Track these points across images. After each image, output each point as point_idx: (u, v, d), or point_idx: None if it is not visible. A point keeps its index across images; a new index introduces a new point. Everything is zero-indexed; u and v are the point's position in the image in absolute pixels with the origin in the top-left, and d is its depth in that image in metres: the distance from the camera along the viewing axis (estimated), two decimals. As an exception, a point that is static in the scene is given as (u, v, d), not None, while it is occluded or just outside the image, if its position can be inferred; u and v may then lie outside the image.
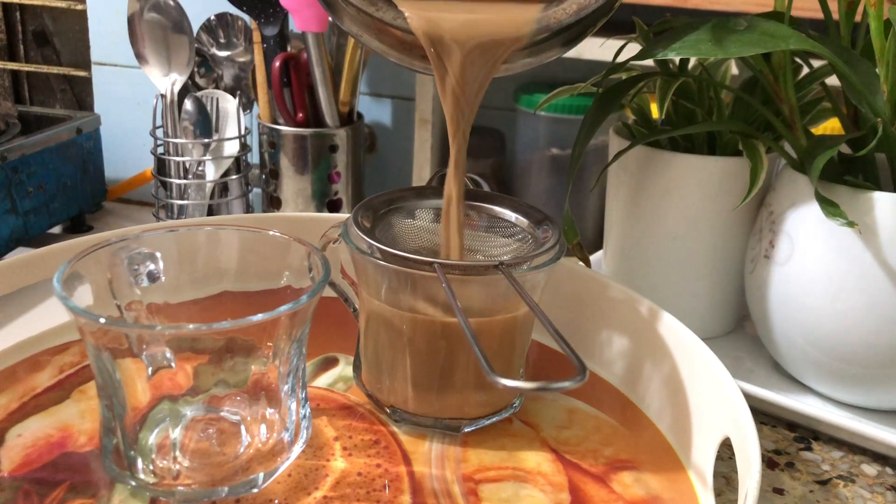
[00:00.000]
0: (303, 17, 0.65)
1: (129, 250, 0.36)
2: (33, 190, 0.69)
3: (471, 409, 0.38)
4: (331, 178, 0.71)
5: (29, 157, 0.69)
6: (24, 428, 0.37)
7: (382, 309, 0.37)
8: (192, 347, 0.33)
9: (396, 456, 0.37)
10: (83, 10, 0.86)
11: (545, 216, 0.40)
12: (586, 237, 0.71)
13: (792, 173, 0.45)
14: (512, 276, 0.34)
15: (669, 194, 0.49)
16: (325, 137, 0.69)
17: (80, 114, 0.79)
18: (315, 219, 0.50)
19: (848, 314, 0.41)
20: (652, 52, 0.40)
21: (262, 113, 0.71)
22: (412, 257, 0.35)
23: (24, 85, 0.92)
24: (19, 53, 0.90)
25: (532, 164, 0.76)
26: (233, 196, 0.71)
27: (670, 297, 0.50)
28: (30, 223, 0.69)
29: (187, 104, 0.67)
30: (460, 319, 0.32)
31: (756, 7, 0.59)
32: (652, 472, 0.37)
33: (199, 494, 0.32)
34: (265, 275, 0.38)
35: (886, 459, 0.43)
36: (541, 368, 0.46)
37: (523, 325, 0.39)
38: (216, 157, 0.69)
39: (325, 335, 0.45)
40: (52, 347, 0.44)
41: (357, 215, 0.38)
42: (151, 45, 0.67)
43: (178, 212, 0.69)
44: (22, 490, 0.33)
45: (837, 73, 0.42)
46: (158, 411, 0.34)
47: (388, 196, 0.41)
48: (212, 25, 0.73)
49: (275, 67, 0.68)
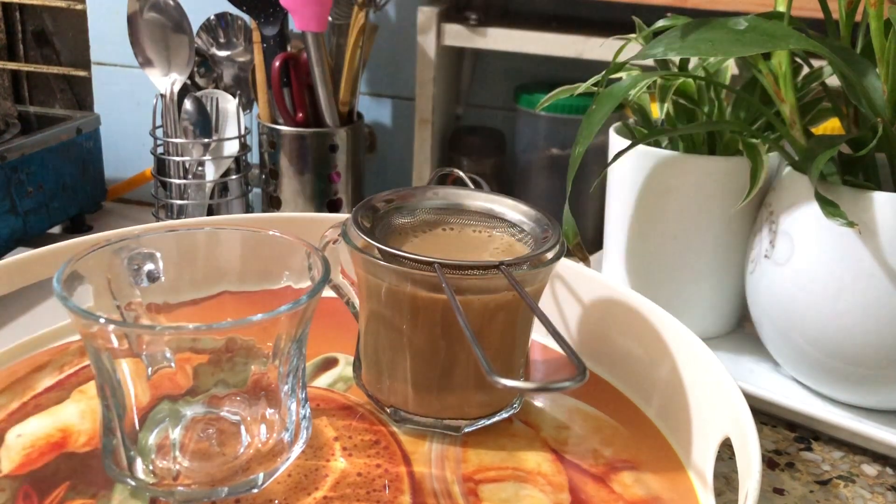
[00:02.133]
0: (303, 16, 0.65)
1: (129, 250, 0.36)
2: (33, 190, 0.69)
3: (471, 410, 0.38)
4: (331, 178, 0.71)
5: (29, 157, 0.69)
6: (24, 428, 0.37)
7: (382, 309, 0.37)
8: (192, 347, 0.33)
9: (396, 456, 0.37)
10: (83, 10, 0.86)
11: (545, 216, 0.40)
12: (586, 237, 0.71)
13: (792, 173, 0.45)
14: (512, 276, 0.34)
15: (669, 194, 0.49)
16: (325, 137, 0.69)
17: (79, 114, 0.79)
18: (315, 219, 0.50)
19: (848, 314, 0.41)
20: (652, 52, 0.40)
21: (261, 113, 0.71)
22: (412, 257, 0.35)
23: (24, 85, 0.92)
24: (19, 53, 0.90)
25: (532, 164, 0.76)
26: (233, 196, 0.71)
27: (670, 297, 0.50)
28: (29, 223, 0.69)
29: (187, 104, 0.67)
30: (460, 319, 0.32)
31: (756, 7, 0.59)
32: (652, 472, 0.37)
33: (198, 494, 0.32)
34: (265, 275, 0.38)
35: (887, 459, 0.43)
36: (541, 368, 0.46)
37: (523, 326, 0.39)
38: (216, 157, 0.69)
39: (325, 335, 0.44)
40: (52, 347, 0.44)
41: (357, 215, 0.38)
42: (151, 45, 0.67)
43: (177, 212, 0.69)
44: (22, 490, 0.33)
45: (837, 73, 0.42)
46: (158, 411, 0.34)
47: (388, 196, 0.41)
48: (212, 25, 0.73)
49: (275, 67, 0.68)
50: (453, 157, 0.77)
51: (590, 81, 0.48)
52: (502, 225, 0.41)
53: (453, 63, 0.77)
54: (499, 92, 0.80)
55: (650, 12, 0.58)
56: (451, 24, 0.70)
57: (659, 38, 0.41)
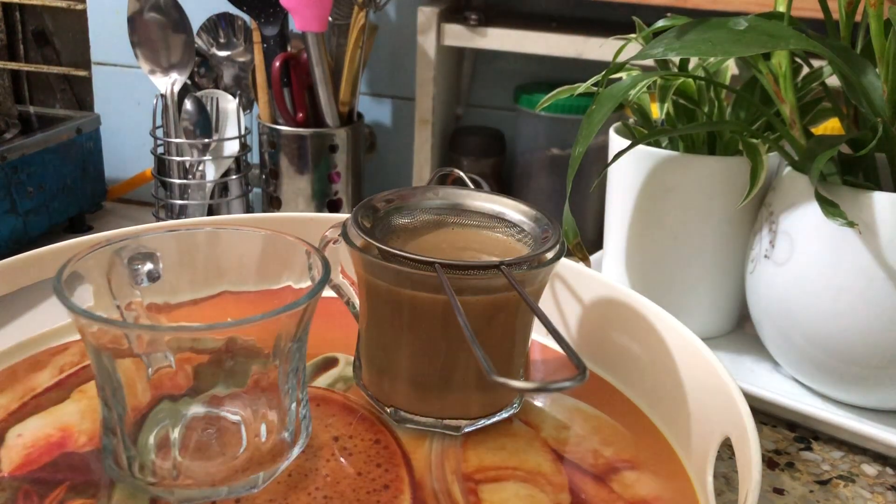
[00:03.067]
0: (303, 17, 0.65)
1: (129, 250, 0.36)
2: (33, 190, 0.69)
3: (471, 409, 0.38)
4: (331, 178, 0.71)
5: (29, 157, 0.69)
6: (24, 428, 0.37)
7: (382, 309, 0.37)
8: (193, 347, 0.33)
9: (396, 456, 0.37)
10: (83, 9, 0.86)
11: (545, 216, 0.40)
12: (586, 237, 0.71)
13: (792, 173, 0.45)
14: (512, 276, 0.34)
15: (669, 194, 0.49)
16: (325, 137, 0.69)
17: (80, 114, 0.79)
18: (315, 219, 0.50)
19: (848, 314, 0.41)
20: (652, 52, 0.40)
21: (262, 113, 0.71)
22: (412, 257, 0.35)
23: (24, 85, 0.92)
24: (19, 53, 0.90)
25: (532, 164, 0.76)
26: (233, 196, 0.71)
27: (670, 297, 0.50)
28: (30, 223, 0.69)
29: (187, 104, 0.67)
30: (460, 319, 0.32)
31: (756, 7, 0.59)
32: (652, 472, 0.37)
33: (198, 494, 0.32)
34: (265, 275, 0.38)
35: (886, 459, 0.43)
36: (541, 368, 0.46)
37: (523, 326, 0.39)
38: (216, 157, 0.69)
39: (325, 335, 0.44)
40: (52, 347, 0.44)
41: (357, 215, 0.38)
42: (151, 44, 0.67)
43: (178, 212, 0.69)
44: (22, 490, 0.33)
45: (837, 73, 0.42)
46: (158, 411, 0.34)
47: (388, 196, 0.41)
48: (212, 25, 0.73)
49: (275, 67, 0.68)
50: (453, 157, 0.77)
51: (590, 81, 0.48)
52: (502, 225, 0.41)
53: (453, 63, 0.77)
54: (499, 92, 0.80)
55: (650, 12, 0.58)
56: (451, 24, 0.70)
57: (659, 38, 0.41)
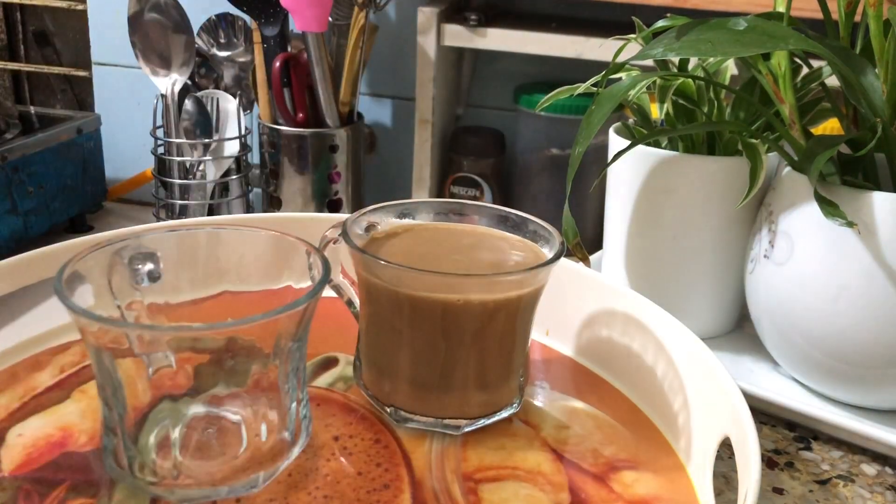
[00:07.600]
0: (303, 17, 0.65)
1: (130, 250, 0.36)
2: (33, 190, 0.69)
3: (471, 409, 0.38)
4: (331, 178, 0.71)
5: (29, 157, 0.69)
6: (24, 427, 0.37)
7: (382, 309, 0.37)
8: (193, 347, 0.33)
9: (396, 456, 0.37)
10: (83, 10, 0.86)
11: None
12: (586, 237, 0.71)
13: (791, 173, 0.45)
14: (512, 276, 0.34)
15: (669, 194, 0.49)
16: (325, 137, 0.69)
17: (80, 114, 0.79)
18: (315, 219, 0.50)
19: (848, 314, 0.41)
20: (651, 53, 0.40)
21: (262, 113, 0.71)
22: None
23: (25, 85, 0.92)
24: (20, 53, 0.90)
25: (532, 164, 0.76)
26: (233, 196, 0.71)
27: (670, 297, 0.50)
28: (30, 223, 0.69)
29: (187, 104, 0.67)
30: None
31: (756, 7, 0.59)
32: (652, 472, 0.37)
33: (199, 494, 0.32)
34: (265, 275, 0.38)
35: (886, 459, 0.43)
36: (541, 368, 0.46)
37: (523, 326, 0.39)
38: (216, 157, 0.69)
39: (325, 335, 0.44)
40: (52, 347, 0.44)
41: (357, 215, 0.38)
42: (151, 45, 0.67)
43: (178, 212, 0.69)
44: (22, 489, 0.33)
45: (837, 74, 0.42)
46: (159, 411, 0.34)
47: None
48: (212, 25, 0.73)
49: (275, 67, 0.68)
50: (453, 157, 0.77)
51: (590, 81, 0.48)
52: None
53: (453, 63, 0.77)
54: (499, 92, 0.80)
55: (650, 12, 0.58)
56: (451, 24, 0.70)
57: (658, 39, 0.41)
